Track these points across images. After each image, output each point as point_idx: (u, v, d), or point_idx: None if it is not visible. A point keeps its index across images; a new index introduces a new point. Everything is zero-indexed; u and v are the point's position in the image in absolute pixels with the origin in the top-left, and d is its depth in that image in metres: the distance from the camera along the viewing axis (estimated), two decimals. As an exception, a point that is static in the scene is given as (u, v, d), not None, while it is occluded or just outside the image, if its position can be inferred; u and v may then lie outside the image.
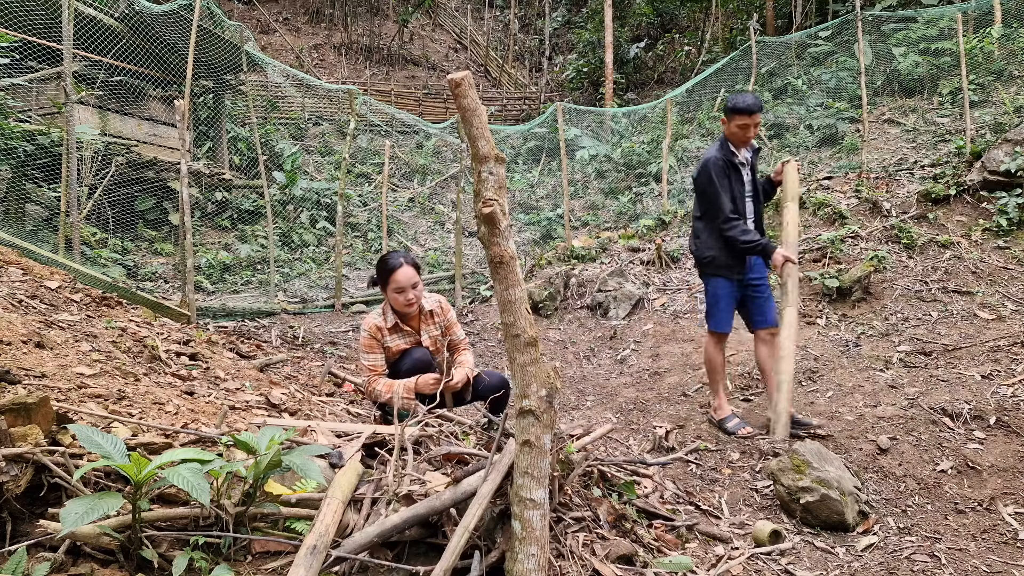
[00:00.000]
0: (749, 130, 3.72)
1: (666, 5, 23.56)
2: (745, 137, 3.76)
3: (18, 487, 1.66)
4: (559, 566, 1.98)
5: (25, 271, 4.20)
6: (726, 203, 3.73)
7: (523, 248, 12.84)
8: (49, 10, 8.65)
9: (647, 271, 7.94)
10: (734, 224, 3.72)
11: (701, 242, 3.94)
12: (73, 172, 6.91)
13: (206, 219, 12.90)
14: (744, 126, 3.71)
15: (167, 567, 1.63)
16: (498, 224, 1.71)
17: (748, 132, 3.73)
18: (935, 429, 3.79)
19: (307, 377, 4.94)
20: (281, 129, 18.04)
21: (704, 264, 3.95)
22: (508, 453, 2.00)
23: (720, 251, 3.84)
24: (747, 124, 3.70)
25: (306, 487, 2.00)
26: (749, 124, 3.70)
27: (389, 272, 3.24)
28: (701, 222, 3.93)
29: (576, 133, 16.75)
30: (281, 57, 23.25)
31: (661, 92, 18.64)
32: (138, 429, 2.17)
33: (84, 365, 2.76)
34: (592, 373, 6.00)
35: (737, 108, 3.70)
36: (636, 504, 2.69)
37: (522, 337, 1.75)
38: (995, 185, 6.82)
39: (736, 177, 3.82)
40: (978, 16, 12.16)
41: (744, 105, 3.69)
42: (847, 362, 5.00)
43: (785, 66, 15.29)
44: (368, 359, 3.33)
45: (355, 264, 12.48)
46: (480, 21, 31.13)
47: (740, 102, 3.71)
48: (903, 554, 2.71)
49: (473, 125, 1.71)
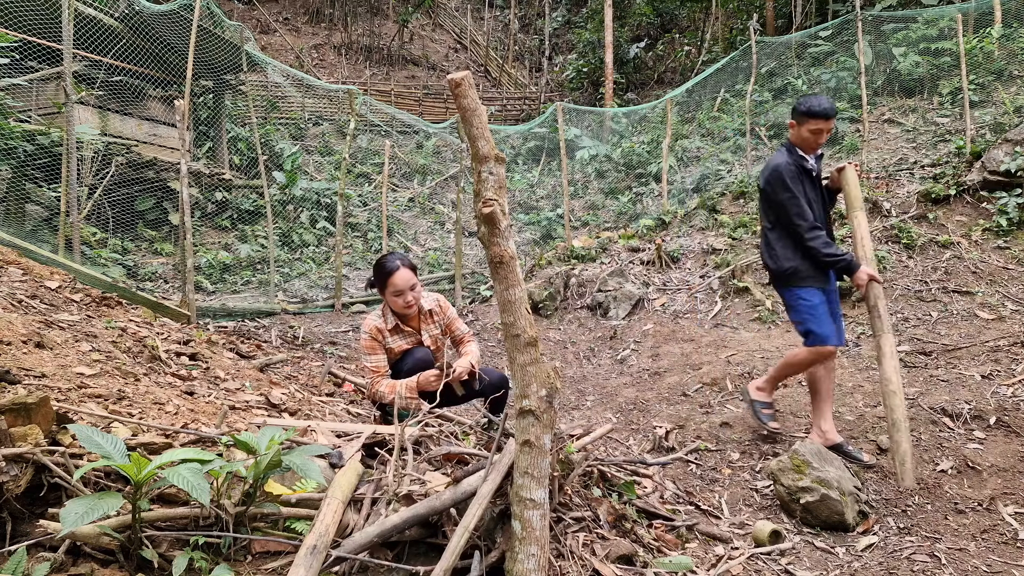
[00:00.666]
0: (822, 136, 3.48)
1: (666, 5, 23.56)
2: (816, 143, 3.51)
3: (18, 487, 1.66)
4: (559, 566, 1.98)
5: (25, 271, 4.20)
6: (807, 211, 3.46)
7: (523, 248, 12.84)
8: (49, 10, 8.65)
9: (647, 271, 7.95)
10: (817, 234, 3.44)
11: (777, 253, 3.60)
12: (73, 172, 6.91)
13: (206, 219, 12.90)
14: (817, 131, 3.47)
15: (167, 567, 1.63)
16: (498, 224, 1.71)
17: (820, 138, 3.49)
18: (935, 429, 3.79)
19: (307, 377, 4.94)
20: (281, 129, 18.04)
21: (786, 276, 3.59)
22: (508, 453, 2.00)
23: (801, 261, 3.53)
24: (821, 129, 3.46)
25: (306, 487, 2.00)
26: (823, 129, 3.46)
27: (386, 276, 3.23)
28: (774, 232, 3.63)
29: (576, 133, 16.75)
30: (281, 57, 23.25)
31: (661, 92, 18.64)
32: (138, 429, 2.17)
33: (84, 365, 2.76)
34: (592, 373, 6.00)
35: (812, 112, 3.45)
36: (636, 504, 2.69)
37: (522, 337, 1.75)
38: (995, 185, 6.81)
39: (809, 182, 3.56)
40: (978, 16, 12.15)
41: (820, 109, 3.44)
42: (847, 362, 5.00)
43: (785, 66, 15.29)
44: (370, 360, 3.33)
45: (355, 264, 12.48)
46: (480, 21, 31.13)
47: (816, 105, 3.45)
48: (903, 554, 2.71)
49: (473, 125, 1.71)
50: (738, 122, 13.86)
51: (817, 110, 3.45)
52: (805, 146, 3.54)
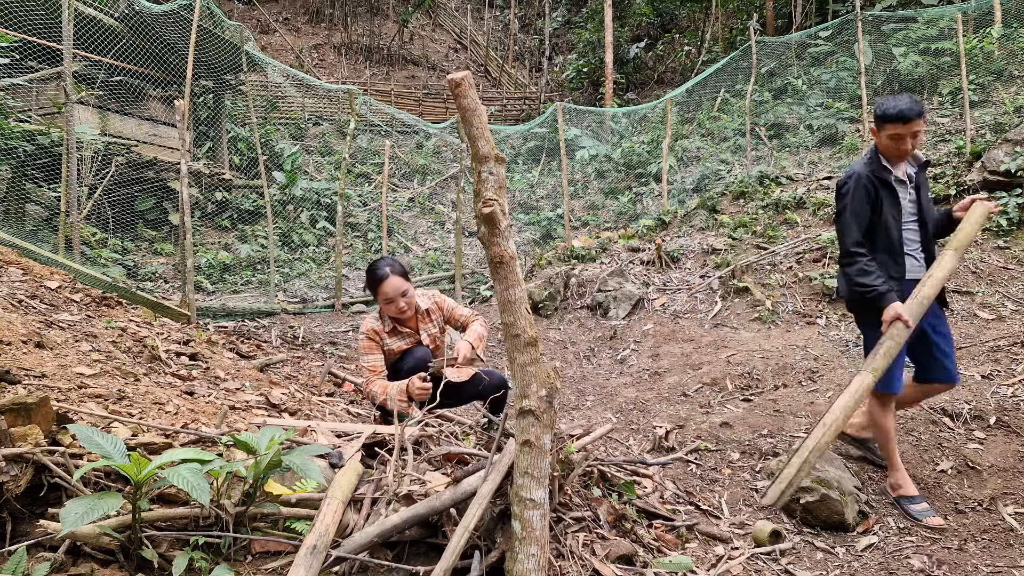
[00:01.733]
0: (905, 141, 3.00)
1: (666, 5, 23.58)
2: (901, 150, 3.03)
3: (18, 487, 1.66)
4: (559, 566, 1.98)
5: (25, 271, 4.20)
6: (853, 232, 3.05)
7: (523, 248, 12.85)
8: (49, 10, 8.66)
9: (647, 271, 7.94)
10: (854, 259, 3.02)
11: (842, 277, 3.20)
12: (73, 172, 6.91)
13: (206, 219, 12.90)
14: (898, 137, 3.00)
15: (167, 567, 1.63)
16: (498, 224, 1.71)
17: (904, 144, 3.01)
18: (935, 429, 3.79)
19: (307, 377, 4.94)
20: (281, 129, 18.05)
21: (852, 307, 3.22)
22: (508, 453, 2.00)
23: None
24: (901, 134, 2.99)
25: (306, 487, 2.00)
26: (904, 134, 2.98)
27: (376, 284, 3.21)
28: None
29: (576, 133, 16.76)
30: (281, 57, 23.26)
31: (661, 92, 18.65)
32: (138, 429, 2.17)
33: (84, 365, 2.76)
34: (592, 373, 6.00)
35: (886, 115, 3.00)
36: (636, 504, 2.69)
37: (522, 337, 1.75)
38: (995, 185, 6.81)
39: (890, 198, 3.08)
40: (978, 16, 12.16)
41: (895, 112, 2.97)
42: (847, 362, 5.00)
43: (785, 66, 15.31)
44: (367, 360, 3.33)
45: (355, 264, 12.49)
46: (480, 21, 31.14)
47: (890, 108, 2.99)
48: (903, 554, 2.71)
49: (473, 125, 1.71)
50: (738, 122, 13.87)
51: (891, 113, 2.98)
52: (890, 154, 3.09)
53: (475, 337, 3.30)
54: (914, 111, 2.95)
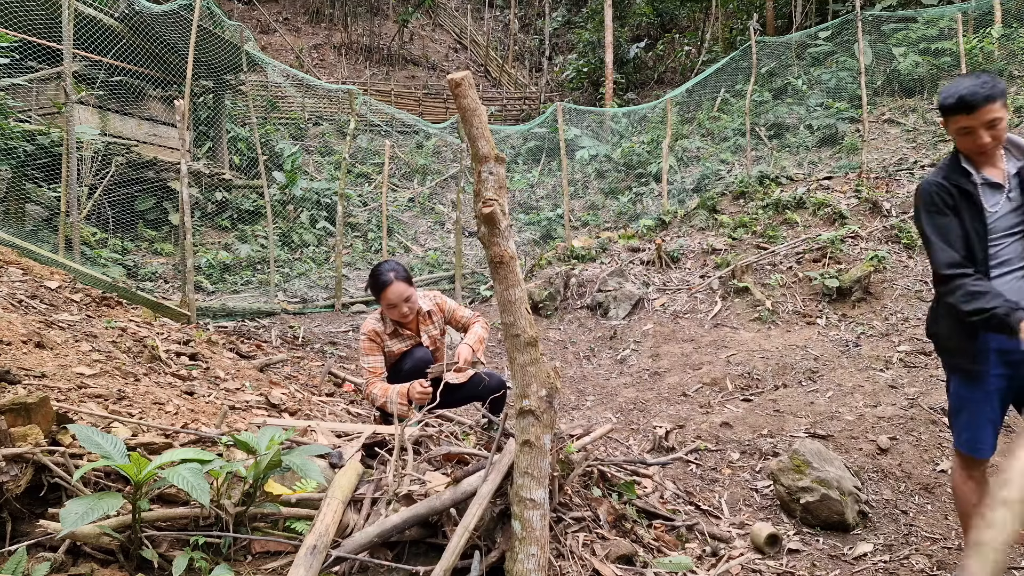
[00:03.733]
0: (978, 134, 2.26)
1: (666, 5, 23.59)
2: (978, 145, 2.30)
3: (18, 487, 1.66)
4: (559, 566, 1.98)
5: (25, 271, 4.20)
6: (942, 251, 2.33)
7: (523, 248, 12.85)
8: (49, 10, 8.65)
9: (647, 271, 7.95)
10: (956, 283, 2.25)
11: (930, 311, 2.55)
12: (73, 172, 6.91)
13: (206, 219, 12.90)
14: (967, 130, 2.28)
15: (167, 567, 1.63)
16: (498, 224, 1.71)
17: (979, 138, 2.27)
18: (935, 429, 3.79)
19: (307, 377, 4.94)
20: (281, 129, 18.05)
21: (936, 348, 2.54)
22: (508, 453, 2.00)
23: (946, 326, 2.41)
24: (970, 127, 2.26)
25: (306, 487, 2.00)
26: (974, 126, 2.25)
27: (380, 290, 3.22)
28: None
29: (576, 133, 16.76)
30: (281, 57, 23.26)
31: (661, 92, 18.65)
32: (138, 429, 2.17)
33: (84, 365, 2.76)
34: (592, 373, 6.00)
35: (945, 106, 2.29)
36: (636, 504, 2.68)
37: (522, 337, 1.75)
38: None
39: (970, 208, 2.38)
40: (978, 16, 12.17)
41: (955, 99, 2.25)
42: (847, 362, 5.00)
43: (785, 66, 15.31)
44: (367, 362, 3.33)
45: (355, 264, 12.49)
46: (480, 21, 31.14)
47: (949, 96, 2.27)
48: (903, 554, 2.71)
49: (473, 125, 1.71)
50: (738, 122, 13.87)
51: (950, 103, 2.27)
52: (967, 151, 2.38)
53: (475, 340, 3.32)
54: (979, 95, 2.21)
